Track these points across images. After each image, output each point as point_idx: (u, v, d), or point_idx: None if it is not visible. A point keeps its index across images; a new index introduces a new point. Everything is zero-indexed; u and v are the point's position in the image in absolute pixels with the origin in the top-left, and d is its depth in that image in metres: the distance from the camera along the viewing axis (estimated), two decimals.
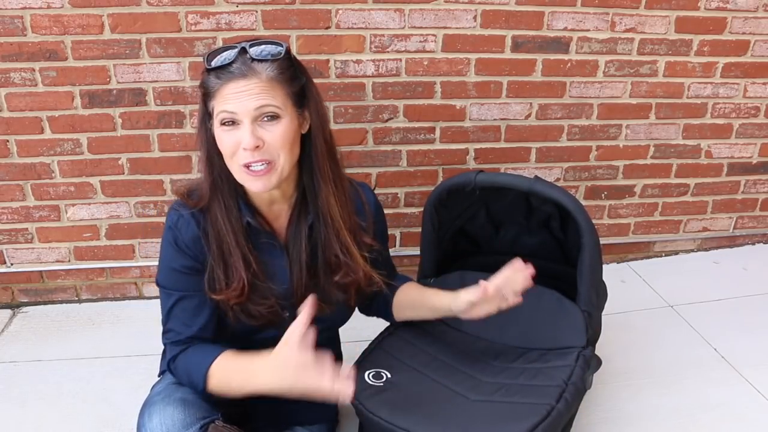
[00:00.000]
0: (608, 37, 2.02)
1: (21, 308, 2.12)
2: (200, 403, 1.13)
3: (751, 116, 2.24)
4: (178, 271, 1.17)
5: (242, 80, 1.05)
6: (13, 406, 1.66)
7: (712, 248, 2.47)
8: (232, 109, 1.06)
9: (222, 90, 1.06)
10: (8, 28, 1.76)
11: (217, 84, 1.07)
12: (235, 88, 1.05)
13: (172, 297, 1.19)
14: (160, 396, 1.15)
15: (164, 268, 1.19)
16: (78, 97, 1.87)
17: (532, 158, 2.17)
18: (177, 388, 1.17)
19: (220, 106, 1.07)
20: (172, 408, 1.10)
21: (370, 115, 2.01)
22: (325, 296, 1.22)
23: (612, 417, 1.60)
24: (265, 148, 1.07)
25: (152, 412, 1.11)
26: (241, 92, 1.05)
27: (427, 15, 1.91)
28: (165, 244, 1.18)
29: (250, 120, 1.06)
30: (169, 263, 1.18)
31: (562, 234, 1.69)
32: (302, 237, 1.21)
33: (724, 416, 1.61)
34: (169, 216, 1.18)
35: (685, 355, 1.85)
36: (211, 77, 1.08)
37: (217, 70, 1.07)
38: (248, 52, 1.07)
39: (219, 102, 1.07)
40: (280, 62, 1.08)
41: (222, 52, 1.07)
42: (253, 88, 1.05)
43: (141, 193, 2.01)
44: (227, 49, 1.08)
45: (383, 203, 2.13)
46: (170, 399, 1.13)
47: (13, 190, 1.97)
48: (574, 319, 1.45)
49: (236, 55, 1.06)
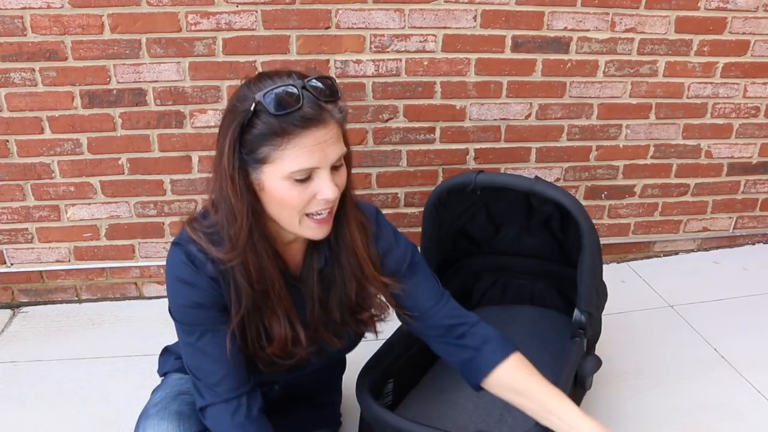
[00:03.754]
0: (608, 37, 2.02)
1: (21, 308, 2.12)
2: (196, 416, 1.12)
3: (751, 116, 2.24)
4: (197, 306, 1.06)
5: (322, 129, 0.94)
6: (13, 406, 1.66)
7: (712, 248, 2.47)
8: (314, 164, 0.94)
9: (296, 141, 0.93)
10: (8, 28, 1.76)
11: (287, 133, 0.93)
12: (314, 140, 0.93)
13: (194, 333, 1.07)
14: (156, 408, 1.14)
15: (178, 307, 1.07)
16: (78, 97, 1.87)
17: (532, 158, 2.17)
18: (173, 399, 1.16)
19: (294, 160, 0.94)
20: (167, 422, 1.10)
21: (370, 115, 2.00)
22: (337, 331, 1.16)
23: (612, 417, 1.60)
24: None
25: (147, 426, 1.10)
26: (321, 143, 0.94)
27: (427, 15, 1.91)
28: (175, 283, 1.05)
29: (329, 170, 0.96)
30: (185, 301, 1.06)
31: (562, 234, 1.69)
32: (314, 272, 1.12)
33: (724, 416, 1.61)
34: (178, 252, 1.04)
35: (685, 355, 1.85)
36: (276, 123, 0.93)
37: (285, 117, 0.92)
38: (313, 91, 0.94)
39: (290, 154, 0.93)
40: (340, 102, 0.99)
41: (282, 92, 0.93)
42: (332, 136, 0.95)
43: (141, 193, 2.01)
44: (283, 86, 0.93)
45: (383, 203, 2.13)
46: (165, 412, 1.12)
47: (13, 190, 1.97)
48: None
49: (302, 95, 0.93)
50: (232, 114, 0.97)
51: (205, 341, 1.05)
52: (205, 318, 1.05)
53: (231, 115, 0.97)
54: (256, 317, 1.07)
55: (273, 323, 1.08)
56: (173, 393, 1.19)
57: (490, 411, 1.46)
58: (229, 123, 0.96)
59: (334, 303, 1.14)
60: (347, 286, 1.12)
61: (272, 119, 0.93)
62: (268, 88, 0.94)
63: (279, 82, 0.95)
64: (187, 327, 1.07)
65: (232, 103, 0.98)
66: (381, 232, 1.17)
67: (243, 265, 1.02)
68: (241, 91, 0.98)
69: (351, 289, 1.12)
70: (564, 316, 1.79)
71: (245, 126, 0.94)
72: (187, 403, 1.15)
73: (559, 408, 1.09)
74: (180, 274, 1.04)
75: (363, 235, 1.12)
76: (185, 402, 1.16)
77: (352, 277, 1.12)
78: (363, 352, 1.39)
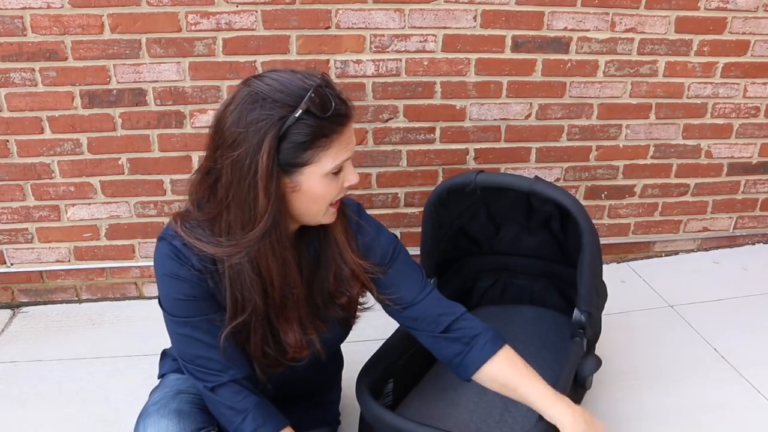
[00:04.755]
0: (608, 37, 2.02)
1: (21, 308, 2.12)
2: (196, 413, 1.13)
3: (751, 116, 2.24)
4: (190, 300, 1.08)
5: (350, 122, 1.02)
6: (13, 406, 1.66)
7: (712, 248, 2.47)
8: (348, 156, 1.03)
9: (338, 139, 0.99)
10: (8, 28, 1.76)
11: (331, 133, 0.98)
12: (348, 134, 1.02)
13: (188, 325, 1.09)
14: (156, 407, 1.14)
15: (171, 301, 1.09)
16: (78, 97, 1.87)
17: (532, 158, 2.17)
18: (173, 398, 1.17)
19: (334, 157, 1.00)
20: (167, 420, 1.10)
21: (370, 115, 2.01)
22: (322, 315, 1.18)
23: (612, 417, 1.60)
24: None
25: (147, 424, 1.10)
26: (351, 135, 1.03)
27: (427, 15, 1.91)
28: (163, 277, 1.07)
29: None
30: (176, 295, 1.08)
31: (563, 234, 1.69)
32: (305, 260, 1.15)
33: (724, 416, 1.61)
34: (164, 246, 1.06)
35: (685, 355, 1.85)
36: (321, 126, 0.97)
37: (327, 120, 0.97)
38: (332, 89, 1.00)
39: (330, 153, 0.99)
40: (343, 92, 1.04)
41: (320, 96, 0.96)
42: (353, 127, 1.03)
43: (141, 193, 2.01)
44: (313, 89, 0.96)
45: (383, 203, 2.13)
46: (165, 410, 1.12)
47: (13, 190, 1.97)
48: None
49: (329, 94, 0.98)
50: (257, 121, 0.94)
51: (198, 331, 1.08)
52: (196, 309, 1.07)
53: (255, 122, 0.94)
54: (264, 324, 1.09)
55: (288, 330, 1.10)
56: (172, 392, 1.19)
57: (490, 411, 1.46)
58: (257, 131, 0.94)
59: (317, 288, 1.16)
60: (328, 270, 1.15)
61: (317, 122, 0.96)
62: (297, 93, 0.95)
63: (300, 83, 0.96)
64: (178, 318, 1.08)
65: (249, 109, 0.95)
66: (363, 224, 1.20)
67: (258, 273, 1.04)
68: (256, 98, 0.96)
69: (330, 273, 1.15)
70: (564, 316, 1.80)
71: (282, 135, 0.95)
72: (187, 401, 1.16)
73: (542, 406, 1.13)
74: (166, 269, 1.06)
75: (342, 222, 1.16)
76: (185, 400, 1.16)
77: (332, 263, 1.15)
78: (363, 352, 1.39)
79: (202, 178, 1.04)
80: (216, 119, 1.00)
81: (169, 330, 1.12)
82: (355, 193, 2.06)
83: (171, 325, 1.10)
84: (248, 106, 0.96)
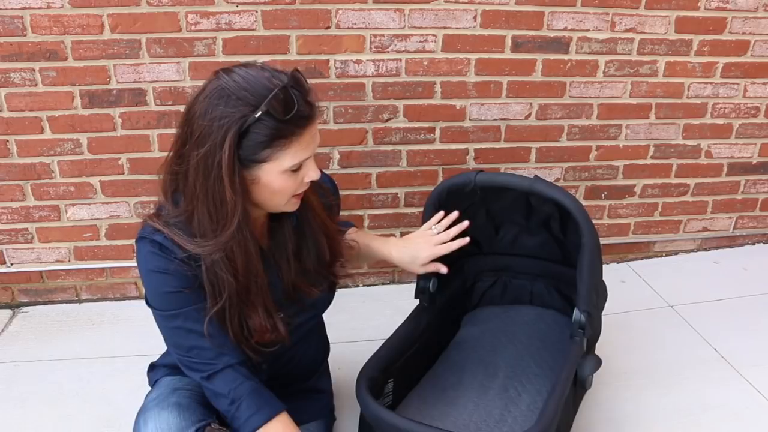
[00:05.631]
0: (608, 37, 2.02)
1: (21, 308, 2.12)
2: (195, 407, 1.14)
3: (751, 116, 2.24)
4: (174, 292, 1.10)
5: (313, 124, 1.04)
6: (13, 406, 1.66)
7: (712, 248, 2.47)
8: (308, 155, 1.06)
9: (297, 139, 1.02)
10: (8, 28, 1.76)
11: (290, 134, 1.01)
12: (309, 135, 1.04)
13: (179, 317, 1.11)
14: (155, 401, 1.15)
15: (157, 294, 1.11)
16: (78, 97, 1.87)
17: (532, 158, 2.17)
18: (171, 393, 1.17)
19: (293, 156, 1.03)
20: (167, 413, 1.11)
21: (370, 115, 2.01)
22: (311, 280, 1.23)
23: (612, 417, 1.60)
24: None
25: (147, 418, 1.11)
26: (313, 135, 1.05)
27: (427, 15, 1.91)
28: (150, 274, 1.09)
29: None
30: (161, 288, 1.10)
31: (562, 234, 1.69)
32: (288, 230, 1.20)
33: (724, 416, 1.61)
34: (145, 244, 1.09)
35: (685, 355, 1.85)
36: (279, 128, 0.99)
37: (287, 121, 1.00)
38: (300, 89, 1.01)
39: (289, 152, 1.02)
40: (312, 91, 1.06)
41: (282, 98, 0.98)
42: (317, 127, 1.06)
43: (141, 193, 2.01)
44: (279, 89, 0.98)
45: (383, 203, 2.13)
46: (165, 404, 1.13)
47: (13, 190, 1.97)
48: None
49: (294, 95, 0.99)
50: (220, 118, 0.98)
51: (190, 321, 1.10)
52: (185, 300, 1.09)
53: (219, 119, 0.98)
54: (236, 309, 1.12)
55: (252, 315, 1.13)
56: (169, 389, 1.20)
57: (490, 411, 1.46)
58: (219, 128, 0.98)
59: (307, 255, 1.22)
60: (319, 240, 1.23)
61: (275, 125, 0.99)
62: (260, 93, 0.98)
63: (266, 83, 0.99)
64: (168, 312, 1.10)
65: (214, 104, 0.98)
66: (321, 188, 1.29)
67: (227, 259, 1.07)
68: (222, 93, 0.98)
69: (322, 243, 1.23)
70: (564, 316, 1.79)
71: (243, 132, 0.98)
72: (185, 396, 1.17)
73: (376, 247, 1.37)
74: (152, 265, 1.09)
75: (316, 197, 1.24)
76: (183, 395, 1.17)
77: (320, 232, 1.23)
78: (363, 352, 1.39)
79: (171, 178, 1.08)
80: (186, 108, 1.04)
81: (161, 326, 1.14)
82: (355, 193, 2.07)
83: (162, 320, 1.13)
84: (214, 100, 0.99)
